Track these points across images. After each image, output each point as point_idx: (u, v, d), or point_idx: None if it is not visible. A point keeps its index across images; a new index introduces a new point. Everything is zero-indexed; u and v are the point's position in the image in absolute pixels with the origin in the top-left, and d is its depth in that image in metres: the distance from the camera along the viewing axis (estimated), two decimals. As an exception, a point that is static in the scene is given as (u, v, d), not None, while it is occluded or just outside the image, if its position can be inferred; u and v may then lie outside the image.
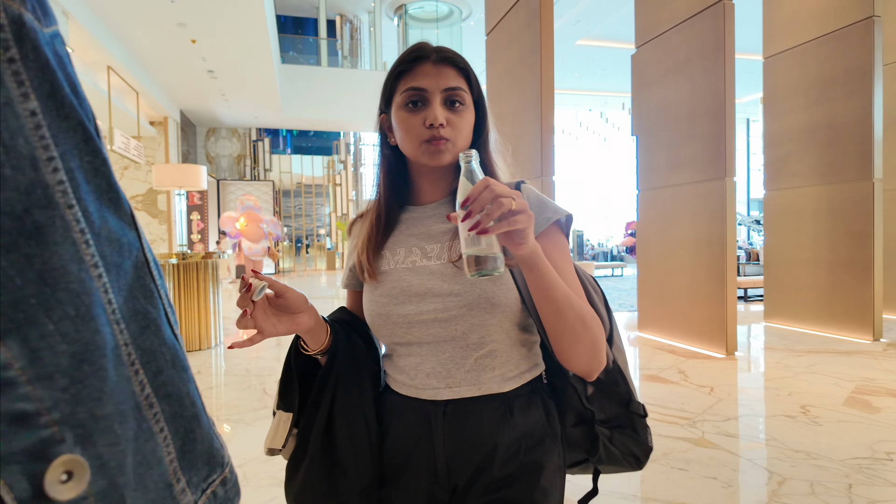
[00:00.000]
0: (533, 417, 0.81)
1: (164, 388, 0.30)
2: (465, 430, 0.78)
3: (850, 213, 4.94)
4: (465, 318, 0.77)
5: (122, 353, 0.27)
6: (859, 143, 4.85)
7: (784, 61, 5.55)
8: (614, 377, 0.86)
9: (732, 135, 4.30)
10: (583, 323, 0.72)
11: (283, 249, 16.33)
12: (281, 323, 0.75)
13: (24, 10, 0.23)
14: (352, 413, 0.81)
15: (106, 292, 0.26)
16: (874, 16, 4.73)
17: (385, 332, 0.82)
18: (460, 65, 0.81)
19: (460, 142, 0.80)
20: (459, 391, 0.78)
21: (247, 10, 7.45)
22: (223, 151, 15.38)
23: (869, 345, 4.69)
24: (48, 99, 0.24)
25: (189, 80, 10.27)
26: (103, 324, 0.25)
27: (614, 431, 0.87)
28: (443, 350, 0.79)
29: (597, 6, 12.72)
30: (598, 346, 0.74)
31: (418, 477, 0.80)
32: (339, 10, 16.33)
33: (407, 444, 0.81)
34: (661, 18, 5.07)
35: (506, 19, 5.48)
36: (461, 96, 0.80)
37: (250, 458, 2.55)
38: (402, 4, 15.45)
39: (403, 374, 0.82)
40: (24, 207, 0.22)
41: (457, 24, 15.72)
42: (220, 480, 0.33)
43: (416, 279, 0.80)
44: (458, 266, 0.78)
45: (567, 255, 0.81)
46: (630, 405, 0.87)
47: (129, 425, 0.26)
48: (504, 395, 0.80)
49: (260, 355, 4.89)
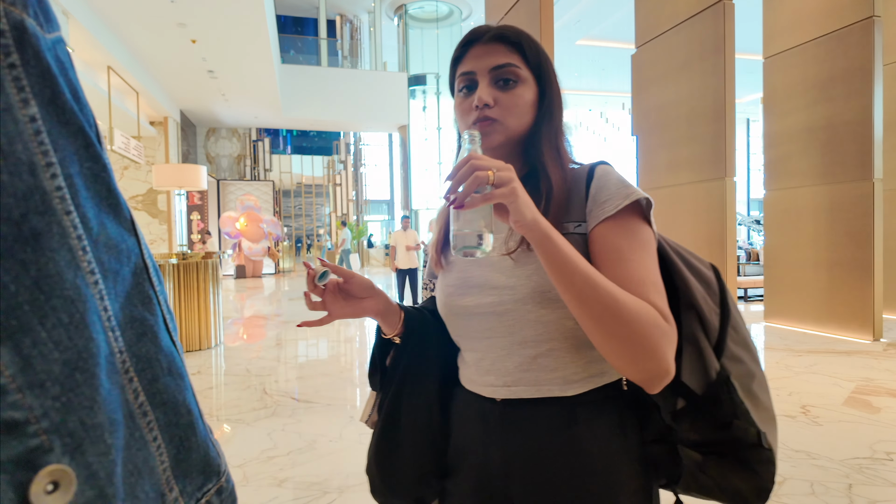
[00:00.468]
0: (602, 428, 0.73)
1: (159, 396, 0.29)
2: (521, 433, 0.74)
3: (850, 213, 4.94)
4: (518, 313, 0.73)
5: (117, 360, 0.27)
6: (859, 143, 4.85)
7: (784, 61, 5.55)
8: (715, 392, 0.72)
9: (732, 135, 4.30)
10: (616, 315, 0.61)
11: (283, 249, 16.33)
12: (348, 306, 0.79)
13: (25, 16, 0.23)
14: (416, 400, 0.82)
15: (101, 299, 0.26)
16: (874, 16, 4.72)
17: (450, 324, 0.81)
18: (512, 39, 0.76)
19: (511, 120, 0.75)
20: (516, 391, 0.74)
21: (247, 10, 7.45)
22: (223, 151, 15.38)
23: (869, 345, 4.69)
24: (49, 105, 0.24)
25: (189, 80, 10.27)
26: (97, 331, 0.25)
27: (710, 458, 0.73)
28: (500, 346, 0.75)
29: (597, 6, 12.72)
30: (641, 347, 0.62)
31: (473, 476, 0.78)
32: (339, 10, 16.33)
33: (465, 440, 0.80)
34: (661, 18, 5.07)
35: (506, 19, 5.48)
36: (511, 72, 0.75)
37: (250, 458, 2.55)
38: (402, 4, 15.44)
39: (467, 368, 0.80)
40: (21, 213, 0.22)
41: (457, 24, 15.71)
42: (215, 489, 0.33)
43: (478, 270, 0.77)
44: (513, 258, 0.74)
45: (638, 244, 0.69)
46: (731, 429, 0.72)
47: (120, 434, 0.26)
48: (567, 399, 0.73)
49: (260, 355, 4.89)
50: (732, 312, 0.76)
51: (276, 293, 10.62)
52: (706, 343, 0.74)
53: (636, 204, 0.71)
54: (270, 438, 2.80)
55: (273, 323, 6.81)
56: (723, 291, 0.77)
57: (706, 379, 0.72)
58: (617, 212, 0.70)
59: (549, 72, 0.79)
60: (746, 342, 0.76)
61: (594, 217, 0.71)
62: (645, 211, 0.72)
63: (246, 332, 6.30)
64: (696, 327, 0.74)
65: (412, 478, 0.81)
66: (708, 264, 0.79)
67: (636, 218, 0.71)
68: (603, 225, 0.70)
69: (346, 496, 2.16)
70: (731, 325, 0.75)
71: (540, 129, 0.78)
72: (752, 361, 0.76)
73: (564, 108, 0.81)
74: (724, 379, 0.72)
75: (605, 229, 0.70)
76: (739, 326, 0.76)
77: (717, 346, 0.74)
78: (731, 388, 0.72)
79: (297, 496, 2.17)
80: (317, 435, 2.83)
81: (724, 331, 0.75)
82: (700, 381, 0.72)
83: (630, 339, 0.62)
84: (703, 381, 0.72)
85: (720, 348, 0.74)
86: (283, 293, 10.54)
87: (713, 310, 0.75)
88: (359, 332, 6.18)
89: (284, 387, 3.84)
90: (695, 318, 0.74)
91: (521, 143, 0.79)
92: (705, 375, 0.72)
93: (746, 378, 0.74)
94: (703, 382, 0.72)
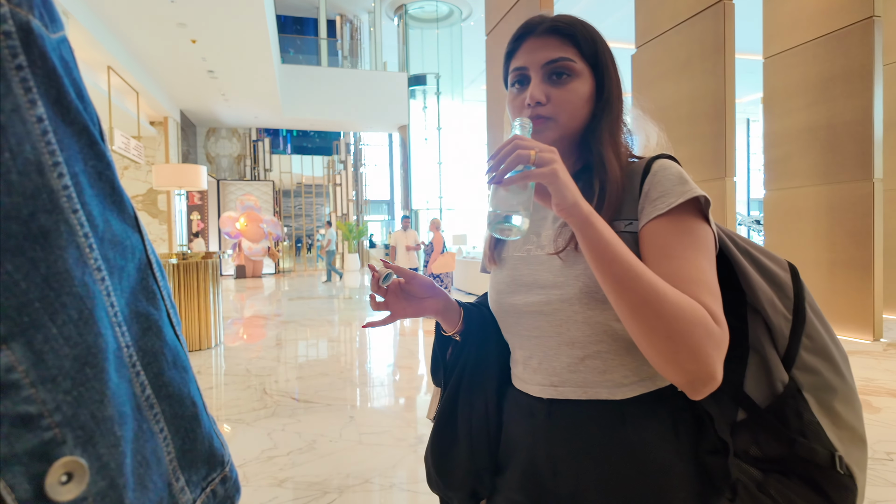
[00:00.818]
0: (653, 432, 0.69)
1: (165, 389, 0.30)
2: (568, 434, 0.72)
3: (850, 213, 4.94)
4: (566, 313, 0.70)
5: (124, 355, 0.27)
6: (859, 143, 4.85)
7: (784, 61, 5.55)
8: (782, 406, 0.67)
9: (732, 135, 4.30)
10: (656, 308, 0.57)
11: (283, 249, 16.33)
12: (410, 306, 0.80)
13: (31, 17, 0.24)
14: (473, 396, 0.83)
15: (108, 295, 0.26)
16: (874, 16, 4.72)
17: (501, 321, 0.81)
18: (566, 31, 0.73)
19: (564, 117, 0.72)
20: (563, 391, 0.72)
21: (247, 10, 7.45)
22: (223, 151, 15.38)
23: (869, 345, 4.69)
24: (54, 104, 0.24)
25: (189, 80, 10.27)
26: (105, 327, 0.26)
27: (771, 476, 0.67)
28: (548, 345, 0.73)
29: (597, 6, 12.71)
30: (682, 345, 0.57)
31: (520, 474, 0.77)
32: (339, 10, 16.33)
33: (514, 438, 0.79)
34: (661, 18, 5.07)
35: (506, 19, 5.48)
36: (565, 66, 0.72)
37: (250, 458, 2.55)
38: (402, 4, 15.44)
39: (516, 366, 0.79)
40: (29, 212, 0.22)
41: (457, 24, 15.71)
42: (219, 479, 0.33)
43: (527, 268, 0.76)
44: (562, 257, 0.72)
45: (690, 241, 0.64)
46: (794, 447, 0.66)
47: (129, 426, 0.27)
48: (616, 402, 0.70)
49: (260, 355, 4.89)
50: (810, 318, 0.70)
51: (276, 293, 10.62)
52: (773, 352, 0.69)
53: (693, 201, 0.66)
54: (270, 438, 2.80)
55: (273, 323, 6.81)
56: (798, 296, 0.71)
57: (772, 391, 0.67)
58: (669, 210, 0.65)
59: (607, 62, 0.75)
60: (827, 352, 0.70)
61: (645, 215, 0.67)
62: (703, 209, 0.66)
63: (246, 332, 6.30)
64: (763, 334, 0.70)
65: (466, 472, 0.82)
66: (785, 264, 0.73)
67: (692, 216, 0.66)
68: (654, 222, 0.66)
69: (346, 496, 2.16)
70: (806, 333, 0.69)
71: (597, 124, 0.74)
72: (832, 374, 0.69)
73: (624, 98, 0.77)
74: (792, 392, 0.67)
75: (656, 226, 0.66)
76: (817, 335, 0.70)
77: (787, 355, 0.69)
78: (801, 402, 0.67)
79: (297, 496, 2.17)
80: (317, 435, 2.83)
81: (795, 339, 0.69)
82: (764, 392, 0.68)
83: (670, 335, 0.57)
84: (768, 392, 0.68)
85: (790, 358, 0.68)
86: (283, 293, 10.54)
87: (783, 315, 0.70)
88: (359, 332, 6.18)
89: (284, 387, 3.84)
90: (762, 324, 0.70)
91: (577, 138, 0.76)
92: (771, 387, 0.68)
93: (824, 392, 0.68)
94: (767, 394, 0.68)
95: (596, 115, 0.74)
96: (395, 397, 3.61)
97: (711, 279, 0.63)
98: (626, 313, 0.60)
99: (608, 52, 0.75)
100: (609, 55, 0.75)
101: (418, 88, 15.59)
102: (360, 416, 3.20)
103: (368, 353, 5.14)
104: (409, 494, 2.22)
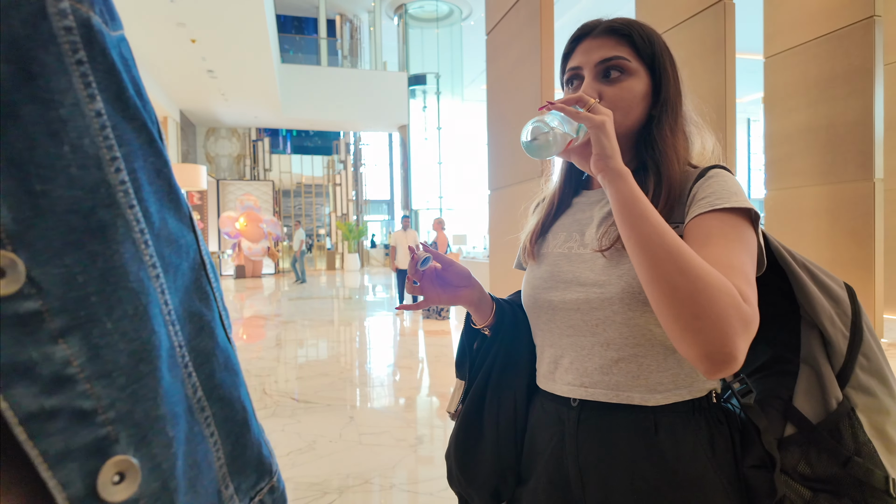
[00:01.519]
0: (687, 441, 0.66)
1: (216, 392, 0.30)
2: (597, 438, 0.70)
3: (850, 212, 4.94)
4: (605, 313, 0.69)
5: (177, 354, 0.27)
6: (860, 143, 4.85)
7: (785, 61, 5.55)
8: (835, 424, 0.65)
9: (733, 134, 4.30)
10: (680, 267, 0.56)
11: (283, 249, 16.33)
12: (445, 293, 0.80)
13: (92, 14, 0.24)
14: (502, 393, 0.82)
15: (163, 293, 0.26)
16: (875, 15, 4.72)
17: (532, 317, 0.79)
18: (622, 31, 0.73)
19: (617, 115, 0.71)
20: (594, 393, 0.70)
21: (247, 10, 7.45)
22: (223, 151, 15.38)
23: (869, 345, 4.69)
24: (114, 101, 0.25)
25: (189, 80, 10.27)
26: (159, 325, 0.25)
27: (821, 496, 0.65)
28: (582, 345, 0.71)
29: (597, 6, 12.72)
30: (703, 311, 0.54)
31: (546, 478, 0.75)
32: (339, 10, 16.33)
33: (540, 446, 0.77)
34: (661, 18, 5.06)
35: (506, 19, 5.49)
36: (619, 64, 0.72)
37: (250, 458, 2.54)
38: (403, 4, 15.44)
39: (544, 365, 0.77)
40: (89, 206, 0.22)
41: (457, 24, 15.71)
42: (268, 489, 0.33)
43: (568, 265, 0.75)
44: (606, 256, 0.71)
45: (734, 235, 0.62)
46: (849, 466, 0.64)
47: (181, 428, 0.26)
48: (649, 408, 0.68)
49: (260, 355, 4.89)
50: (866, 338, 0.69)
51: (275, 293, 10.62)
52: (828, 368, 0.67)
53: (743, 211, 0.64)
54: (270, 439, 2.79)
55: (273, 323, 6.81)
56: (856, 314, 0.70)
57: (825, 407, 0.66)
58: (716, 209, 0.64)
59: (665, 64, 0.74)
60: (882, 374, 0.68)
61: (692, 213, 0.66)
62: (753, 221, 0.65)
63: (246, 332, 6.30)
64: (818, 349, 0.68)
65: (490, 470, 0.80)
66: (841, 283, 0.72)
67: (740, 219, 0.64)
68: (700, 217, 0.65)
69: (346, 496, 2.16)
70: (862, 353, 0.68)
71: (654, 125, 0.74)
72: (887, 396, 0.68)
73: (684, 102, 0.77)
74: (846, 411, 0.66)
75: (701, 220, 0.64)
76: (873, 355, 0.68)
77: (843, 372, 0.67)
78: (854, 421, 0.65)
79: (297, 496, 2.16)
80: (317, 435, 2.83)
81: (851, 356, 0.67)
82: (816, 408, 0.66)
83: (693, 296, 0.55)
84: (820, 408, 0.66)
85: (845, 375, 0.67)
86: (282, 293, 10.53)
87: (841, 332, 0.68)
88: (359, 332, 6.18)
89: (284, 387, 3.84)
90: (817, 339, 0.69)
91: (633, 138, 0.75)
92: (823, 403, 0.66)
93: (878, 414, 0.67)
94: (820, 410, 0.66)
95: (654, 116, 0.74)
96: (395, 397, 3.60)
97: (749, 271, 0.60)
98: (647, 272, 0.58)
99: (667, 54, 0.76)
100: (668, 57, 0.76)
101: (418, 88, 15.59)
102: (359, 416, 3.19)
103: (368, 353, 5.13)
104: (409, 495, 2.21)
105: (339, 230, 16.33)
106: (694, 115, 0.80)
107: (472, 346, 0.87)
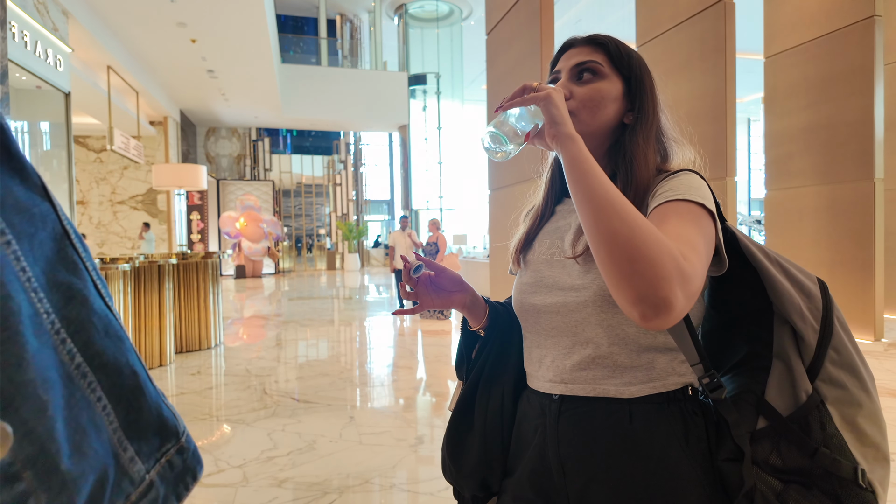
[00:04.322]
0: (661, 432, 0.69)
1: (98, 358, 0.30)
2: (576, 430, 0.74)
3: (850, 212, 4.94)
4: (582, 315, 0.73)
5: (44, 321, 0.27)
6: (860, 143, 4.85)
7: (785, 61, 5.55)
8: (804, 416, 0.67)
9: (733, 134, 4.30)
10: (623, 216, 0.58)
11: (283, 249, 16.32)
12: (438, 298, 0.86)
13: None
14: (491, 388, 0.86)
15: (18, 260, 0.26)
16: (875, 15, 4.72)
17: (521, 320, 0.84)
18: (599, 41, 0.79)
19: (585, 113, 0.76)
20: (573, 388, 0.74)
21: (247, 10, 7.45)
22: (223, 151, 15.37)
23: (870, 345, 4.68)
24: None
25: (189, 80, 10.27)
26: (16, 290, 0.25)
27: (791, 487, 0.66)
28: (562, 344, 0.76)
29: (597, 6, 12.72)
30: (643, 254, 0.56)
31: (530, 472, 0.79)
32: (339, 10, 16.33)
33: (525, 438, 0.81)
34: (661, 18, 5.06)
35: (506, 19, 5.49)
36: (591, 67, 0.77)
37: (250, 458, 2.54)
38: (403, 4, 15.44)
39: (531, 365, 0.82)
40: None
41: (457, 24, 15.70)
42: (175, 450, 0.33)
43: (549, 271, 0.79)
44: (579, 262, 0.75)
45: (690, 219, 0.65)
46: (817, 457, 0.65)
47: (57, 393, 0.26)
48: (625, 400, 0.71)
49: (260, 355, 4.89)
50: (837, 332, 0.70)
51: (276, 293, 10.62)
52: (798, 362, 0.69)
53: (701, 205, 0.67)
54: (270, 439, 2.79)
55: (273, 323, 6.81)
56: (827, 308, 0.71)
57: (795, 400, 0.68)
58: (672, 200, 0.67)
59: (643, 77, 0.79)
60: (853, 367, 0.70)
61: (650, 206, 0.70)
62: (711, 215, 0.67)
63: (246, 332, 6.30)
64: (789, 344, 0.70)
65: (478, 460, 0.85)
66: (814, 278, 0.74)
67: (697, 207, 0.66)
68: (657, 207, 0.68)
69: (346, 496, 2.16)
70: (832, 346, 0.69)
71: (627, 132, 0.78)
72: (858, 389, 0.69)
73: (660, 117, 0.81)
74: (815, 403, 0.67)
75: (657, 209, 0.68)
76: (844, 349, 0.70)
77: (812, 366, 0.69)
78: (824, 413, 0.67)
79: (297, 496, 2.16)
80: (317, 435, 2.83)
81: (821, 350, 0.69)
82: (787, 401, 0.68)
83: (629, 242, 0.57)
84: (790, 402, 0.68)
85: (815, 369, 0.69)
86: (282, 293, 10.53)
87: (811, 326, 0.70)
88: (359, 331, 6.18)
89: (284, 387, 3.84)
90: (789, 334, 0.71)
91: (606, 142, 0.80)
92: (794, 397, 0.68)
93: (848, 406, 0.68)
94: (790, 403, 0.68)
95: (628, 124, 0.79)
96: (395, 397, 3.60)
97: (698, 244, 0.62)
98: (590, 223, 0.60)
99: (645, 70, 0.80)
100: (646, 71, 0.80)
101: (418, 88, 15.58)
102: (360, 416, 3.20)
103: (368, 353, 5.13)
104: (409, 495, 2.21)
105: (339, 230, 16.32)
106: (673, 132, 0.83)
107: (470, 349, 0.92)
